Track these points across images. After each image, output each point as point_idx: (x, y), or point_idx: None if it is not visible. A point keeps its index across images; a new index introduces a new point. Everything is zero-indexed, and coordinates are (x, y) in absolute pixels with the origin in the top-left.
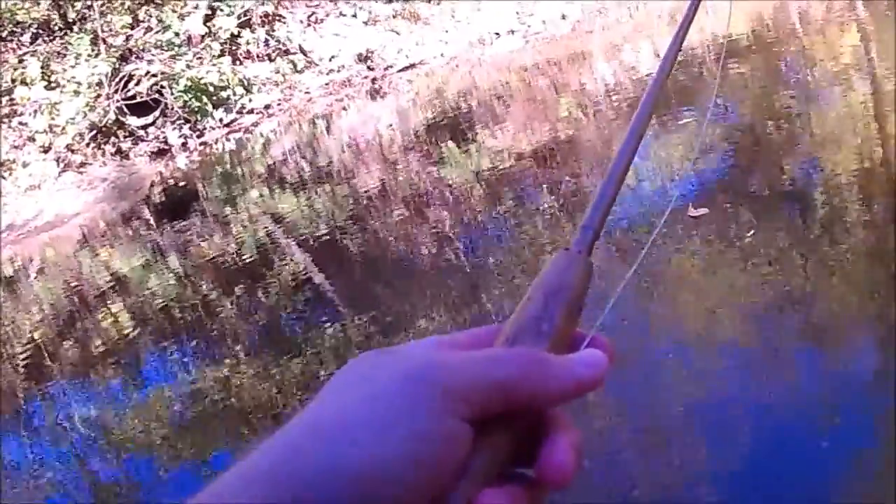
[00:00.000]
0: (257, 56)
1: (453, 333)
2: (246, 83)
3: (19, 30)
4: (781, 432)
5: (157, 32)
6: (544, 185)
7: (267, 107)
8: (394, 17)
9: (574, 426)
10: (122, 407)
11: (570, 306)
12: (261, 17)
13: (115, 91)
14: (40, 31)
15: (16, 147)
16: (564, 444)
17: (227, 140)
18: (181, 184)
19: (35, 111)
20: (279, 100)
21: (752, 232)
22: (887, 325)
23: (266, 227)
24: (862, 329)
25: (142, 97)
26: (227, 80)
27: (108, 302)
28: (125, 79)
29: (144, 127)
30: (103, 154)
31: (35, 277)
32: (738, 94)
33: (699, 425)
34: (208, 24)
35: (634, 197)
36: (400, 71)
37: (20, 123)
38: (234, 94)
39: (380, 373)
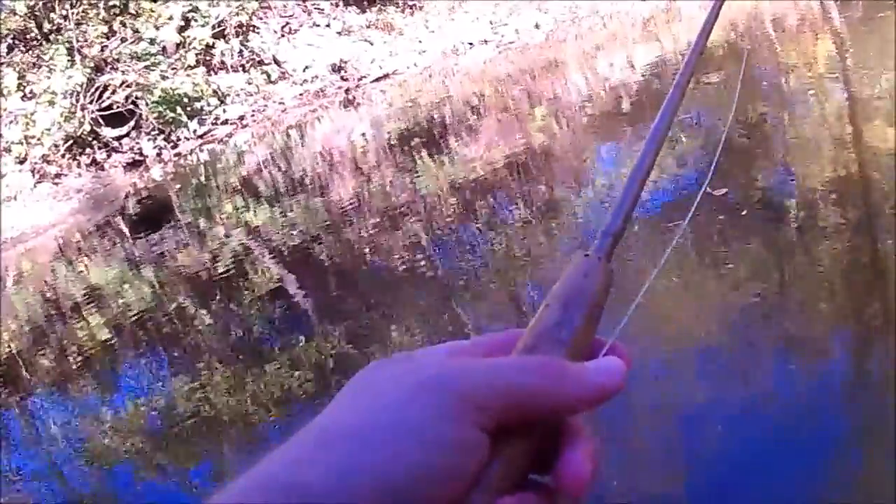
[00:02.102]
0: (231, 66)
1: (469, 339)
2: (220, 94)
3: None
4: (757, 439)
5: (131, 42)
6: (518, 195)
7: (241, 117)
8: (367, 27)
9: (590, 433)
10: (99, 418)
11: (590, 313)
12: (235, 27)
13: (91, 101)
14: (16, 42)
15: None
16: (581, 454)
17: (202, 151)
18: (156, 195)
19: (11, 122)
20: (253, 110)
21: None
22: (865, 329)
23: (240, 239)
24: (840, 335)
25: (117, 107)
26: (202, 90)
27: (84, 313)
28: (100, 89)
29: (119, 138)
30: (78, 165)
31: (11, 288)
32: (711, 103)
33: (674, 431)
34: (183, 34)
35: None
36: (373, 81)
37: None
38: (209, 104)
39: (394, 381)
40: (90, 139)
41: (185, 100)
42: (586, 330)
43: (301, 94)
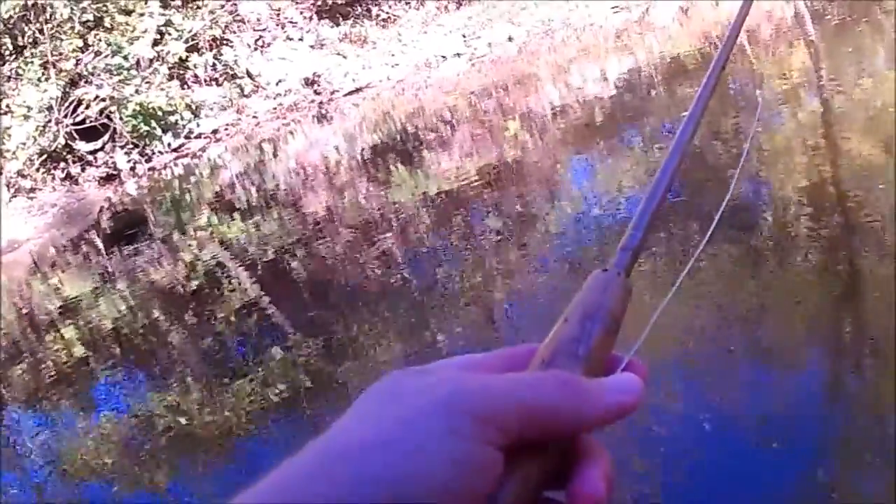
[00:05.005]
0: (205, 80)
1: (486, 353)
2: (194, 107)
3: None
4: (730, 447)
5: (106, 56)
6: (491, 208)
7: (215, 131)
8: (341, 40)
9: (606, 452)
10: (74, 432)
11: (608, 329)
12: (208, 41)
13: (65, 115)
14: None
15: None
16: (596, 472)
17: (176, 165)
18: (130, 209)
19: None
20: (227, 124)
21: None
22: (837, 339)
23: (214, 252)
24: (812, 344)
25: (91, 121)
26: (175, 104)
27: (59, 327)
28: (74, 103)
29: (93, 152)
30: (53, 179)
31: None
32: (684, 114)
33: (647, 440)
34: (157, 48)
35: (588, 222)
36: (346, 95)
37: None
38: (182, 118)
39: (410, 396)
40: (64, 153)
41: (159, 113)
42: (604, 345)
43: (274, 108)
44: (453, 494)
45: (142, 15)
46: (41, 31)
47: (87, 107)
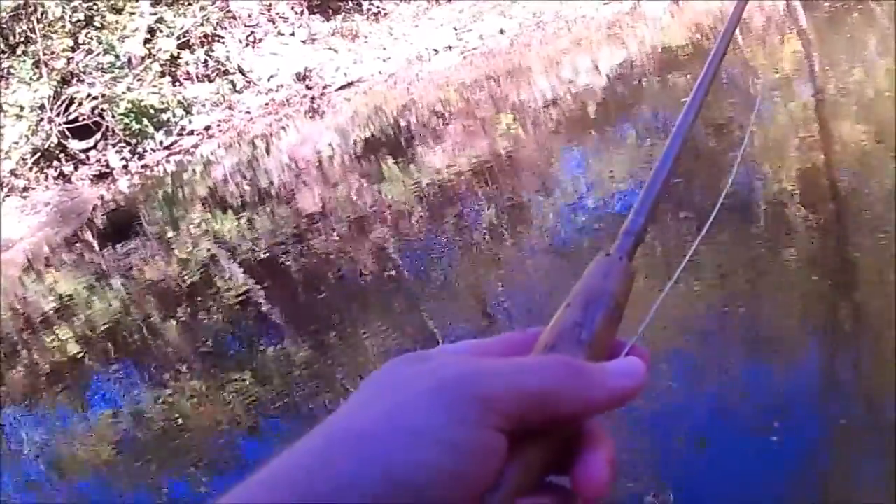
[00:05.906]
0: (197, 77)
1: (487, 339)
2: (185, 104)
3: None
4: (727, 436)
5: (97, 55)
6: (484, 200)
7: (207, 128)
8: (332, 35)
9: (609, 437)
10: (70, 430)
11: (611, 314)
12: (200, 37)
13: (57, 114)
14: None
15: None
16: (600, 457)
17: (168, 162)
18: (123, 207)
19: None
20: (219, 120)
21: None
22: (831, 330)
23: (208, 249)
24: (806, 335)
25: (84, 119)
26: (167, 101)
27: (54, 326)
28: (67, 102)
29: (86, 150)
30: (46, 178)
31: None
32: (678, 105)
33: (644, 434)
34: (148, 45)
35: (582, 212)
36: (338, 89)
37: None
38: (174, 115)
39: (412, 382)
40: (57, 152)
41: (152, 111)
42: (606, 330)
43: (267, 104)
44: (456, 479)
45: (132, 13)
46: (33, 31)
47: (80, 105)
